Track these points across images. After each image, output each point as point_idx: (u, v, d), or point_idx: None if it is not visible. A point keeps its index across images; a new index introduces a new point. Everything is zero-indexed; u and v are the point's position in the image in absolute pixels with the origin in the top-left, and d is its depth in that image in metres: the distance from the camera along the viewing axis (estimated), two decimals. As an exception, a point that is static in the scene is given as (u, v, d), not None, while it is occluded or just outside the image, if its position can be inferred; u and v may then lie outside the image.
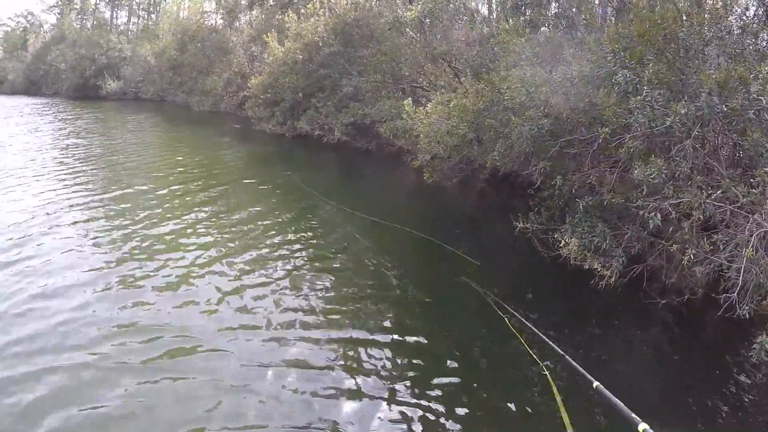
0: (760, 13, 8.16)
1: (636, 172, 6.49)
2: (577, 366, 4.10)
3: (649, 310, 6.91)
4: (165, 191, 12.02)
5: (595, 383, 3.80)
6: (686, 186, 6.44)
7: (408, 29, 17.13)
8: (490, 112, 9.19)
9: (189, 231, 9.26)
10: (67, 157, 15.69)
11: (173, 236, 8.97)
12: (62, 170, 13.73)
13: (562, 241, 7.57)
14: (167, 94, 42.12)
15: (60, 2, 73.85)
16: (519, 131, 7.96)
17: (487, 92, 9.30)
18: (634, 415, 3.32)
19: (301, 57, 21.59)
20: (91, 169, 14.18)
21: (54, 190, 11.58)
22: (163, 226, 9.43)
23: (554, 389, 4.72)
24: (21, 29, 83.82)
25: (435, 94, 14.42)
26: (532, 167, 8.50)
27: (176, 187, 12.55)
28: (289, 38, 22.90)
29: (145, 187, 12.13)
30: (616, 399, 3.53)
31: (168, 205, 10.88)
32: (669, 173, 6.42)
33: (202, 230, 9.35)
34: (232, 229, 9.55)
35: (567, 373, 5.23)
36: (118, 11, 69.55)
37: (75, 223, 9.38)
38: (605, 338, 6.65)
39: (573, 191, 8.00)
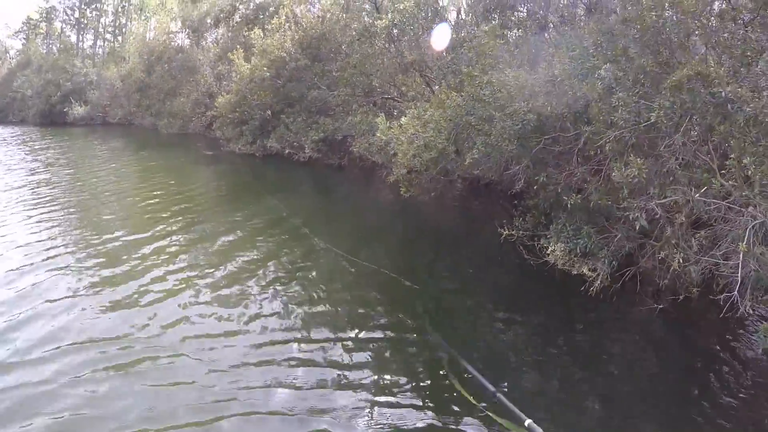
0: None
1: (614, 174, 6.02)
2: (510, 404, 4.09)
3: (643, 314, 6.54)
4: (140, 231, 10.90)
5: (527, 421, 3.68)
6: (673, 184, 5.98)
7: (377, 39, 16.48)
8: (470, 109, 8.59)
9: (166, 261, 9.03)
10: (36, 198, 14.06)
11: (149, 264, 8.80)
12: (33, 213, 12.32)
13: (549, 247, 7.34)
14: (135, 118, 40.98)
15: (25, 27, 72.43)
16: (502, 127, 7.40)
17: (468, 90, 8.70)
18: None
19: (268, 74, 20.84)
20: (64, 212, 12.63)
21: (24, 234, 10.51)
22: (141, 263, 8.90)
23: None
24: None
25: (408, 105, 13.85)
26: (514, 167, 7.94)
27: (151, 222, 11.68)
28: (256, 55, 22.17)
29: (121, 231, 10.81)
30: None
31: (145, 240, 10.21)
32: (654, 171, 5.95)
33: (178, 263, 8.98)
34: (209, 259, 9.22)
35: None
36: (84, 35, 68.32)
37: (50, 269, 8.52)
38: (600, 347, 6.28)
39: (558, 191, 7.55)
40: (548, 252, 7.29)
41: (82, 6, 66.37)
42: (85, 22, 67.21)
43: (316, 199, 15.10)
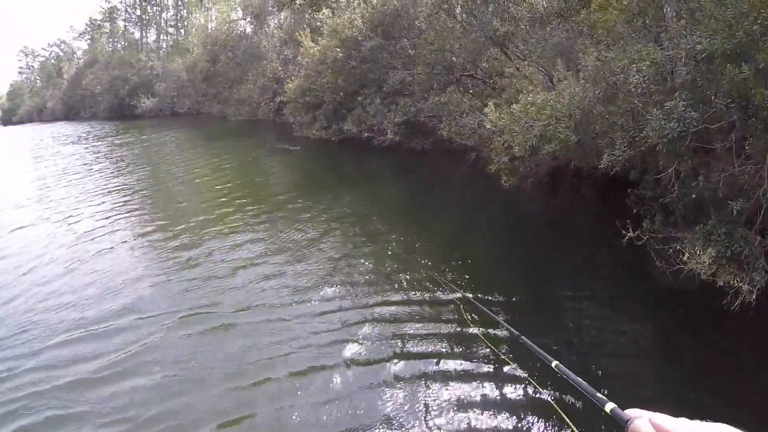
0: None
1: None
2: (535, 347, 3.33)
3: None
4: (216, 227, 11.11)
5: (554, 362, 2.96)
6: None
7: (458, 11, 15.41)
8: (607, 98, 7.41)
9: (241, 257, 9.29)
10: (120, 204, 14.20)
11: (230, 265, 8.98)
12: (120, 217, 12.68)
13: (686, 254, 5.98)
14: (202, 107, 41.69)
15: (90, 28, 75.29)
16: (660, 126, 6.01)
17: (603, 75, 7.47)
18: (599, 395, 2.35)
19: (340, 54, 20.14)
20: (148, 219, 12.76)
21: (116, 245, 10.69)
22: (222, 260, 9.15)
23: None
24: (54, 58, 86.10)
25: (502, 84, 12.82)
26: (668, 169, 6.65)
27: (224, 217, 11.81)
28: (324, 36, 21.54)
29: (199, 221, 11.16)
30: (579, 378, 2.64)
31: (222, 240, 10.23)
32: None
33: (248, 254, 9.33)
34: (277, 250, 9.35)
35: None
36: (147, 30, 70.24)
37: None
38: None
39: (716, 193, 6.23)
40: (686, 258, 5.96)
41: (143, 3, 68.13)
42: (147, 18, 69.04)
43: (398, 189, 14.07)
